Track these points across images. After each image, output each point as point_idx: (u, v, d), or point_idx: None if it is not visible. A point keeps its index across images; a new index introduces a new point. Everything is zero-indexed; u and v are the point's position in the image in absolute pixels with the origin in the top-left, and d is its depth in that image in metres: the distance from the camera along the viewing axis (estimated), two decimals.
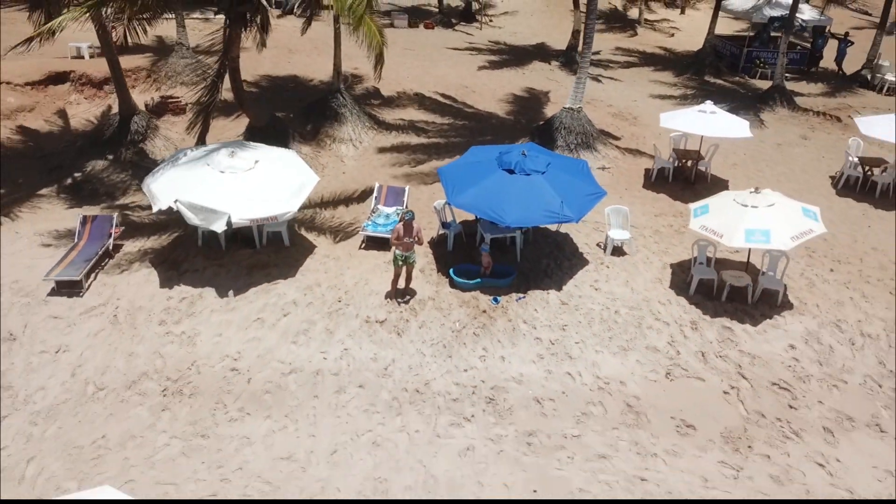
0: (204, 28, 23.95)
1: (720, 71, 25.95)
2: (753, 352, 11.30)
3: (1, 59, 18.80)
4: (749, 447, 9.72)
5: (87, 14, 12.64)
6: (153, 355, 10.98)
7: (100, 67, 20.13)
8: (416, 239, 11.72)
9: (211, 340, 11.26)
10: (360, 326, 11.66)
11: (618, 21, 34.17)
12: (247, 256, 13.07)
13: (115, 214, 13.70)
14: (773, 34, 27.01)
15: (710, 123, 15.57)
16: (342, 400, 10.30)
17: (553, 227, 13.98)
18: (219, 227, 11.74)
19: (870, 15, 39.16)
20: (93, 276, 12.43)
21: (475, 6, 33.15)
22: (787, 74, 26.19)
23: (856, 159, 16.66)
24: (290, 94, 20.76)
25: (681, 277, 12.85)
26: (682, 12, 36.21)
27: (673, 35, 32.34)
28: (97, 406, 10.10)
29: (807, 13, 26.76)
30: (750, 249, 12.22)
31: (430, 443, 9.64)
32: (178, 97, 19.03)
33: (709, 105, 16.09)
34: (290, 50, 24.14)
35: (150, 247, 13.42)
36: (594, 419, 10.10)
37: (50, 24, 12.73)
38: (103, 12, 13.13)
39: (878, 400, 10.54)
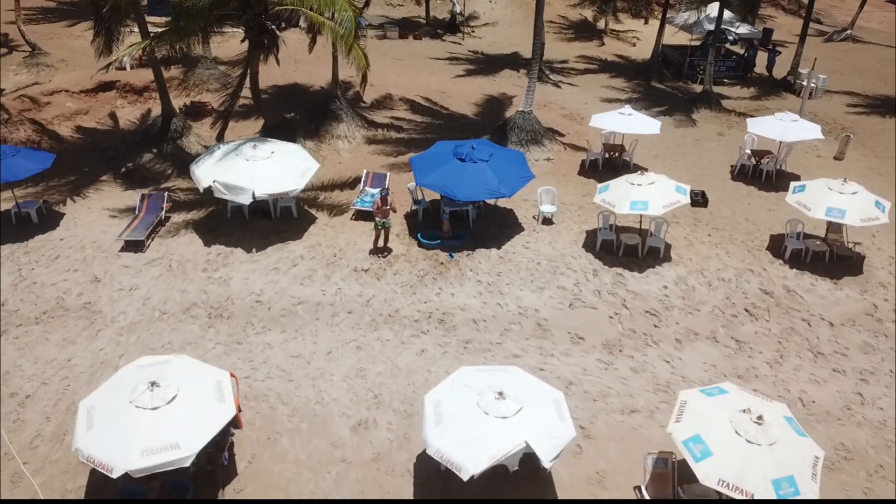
0: (223, 42, 28.20)
1: (665, 77, 30.03)
2: (636, 290, 15.43)
3: (56, 72, 23.02)
4: (620, 350, 13.84)
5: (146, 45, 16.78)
6: (199, 292, 15.15)
7: (139, 77, 24.37)
8: (391, 207, 15.88)
9: (241, 282, 15.43)
10: (350, 273, 15.82)
11: (587, 31, 38.20)
12: (265, 225, 17.26)
13: (165, 193, 17.90)
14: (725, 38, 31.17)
15: (627, 123, 19.73)
16: (336, 321, 14.45)
17: (492, 202, 18.05)
18: (245, 199, 15.94)
19: (820, 23, 43.07)
20: (151, 238, 16.62)
21: (459, 18, 37.21)
22: (725, 79, 30.45)
23: (749, 151, 20.74)
24: (297, 98, 24.91)
25: (592, 240, 16.97)
26: (646, 22, 40.23)
27: (635, 44, 36.37)
28: (162, 324, 14.27)
29: (741, 28, 30.78)
30: (641, 216, 16.35)
31: (396, 347, 13.78)
32: (205, 102, 23.19)
33: (627, 108, 20.26)
34: (296, 60, 28.16)
35: (192, 218, 17.61)
36: (513, 333, 14.23)
37: (119, 56, 16.82)
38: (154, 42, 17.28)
39: (719, 322, 14.65)
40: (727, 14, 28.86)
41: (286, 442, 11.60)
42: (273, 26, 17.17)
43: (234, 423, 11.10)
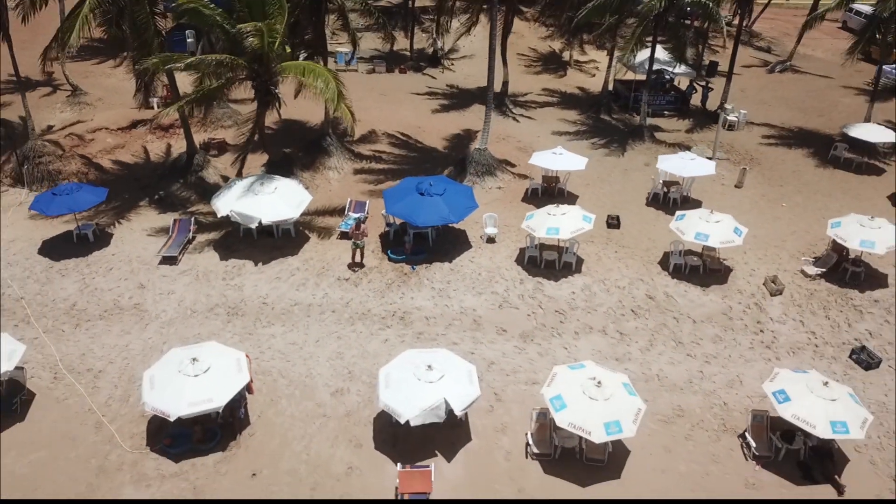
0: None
1: (613, 110, 34.71)
2: (550, 295, 20.15)
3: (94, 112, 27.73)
4: (532, 340, 18.55)
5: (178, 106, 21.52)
6: (219, 295, 19.89)
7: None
8: (364, 232, 20.62)
9: (251, 288, 20.18)
10: (335, 281, 20.56)
11: (553, 63, 42.81)
12: (269, 243, 22.01)
13: (192, 217, 22.68)
14: (661, 80, 35.82)
15: (558, 161, 24.45)
16: (322, 318, 19.18)
17: (440, 226, 22.42)
18: (253, 224, 20.73)
19: (770, 52, 47.46)
20: (182, 253, 21.38)
21: (440, 52, 41.82)
22: (666, 112, 35.10)
23: (661, 182, 25.45)
24: (295, 133, 29.61)
25: (521, 256, 21.69)
26: (608, 54, 44.84)
27: (594, 75, 40.91)
28: (193, 320, 19.01)
29: (678, 68, 35.33)
30: (558, 238, 21.03)
31: (367, 337, 18.51)
32: (221, 138, 27.93)
33: (559, 149, 25.01)
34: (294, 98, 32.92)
35: (213, 237, 22.37)
36: (455, 327, 18.95)
37: (163, 112, 21.51)
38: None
39: (610, 319, 19.36)
40: (666, 55, 33.37)
41: (284, 403, 16.34)
42: (276, 90, 21.93)
43: (248, 388, 15.83)
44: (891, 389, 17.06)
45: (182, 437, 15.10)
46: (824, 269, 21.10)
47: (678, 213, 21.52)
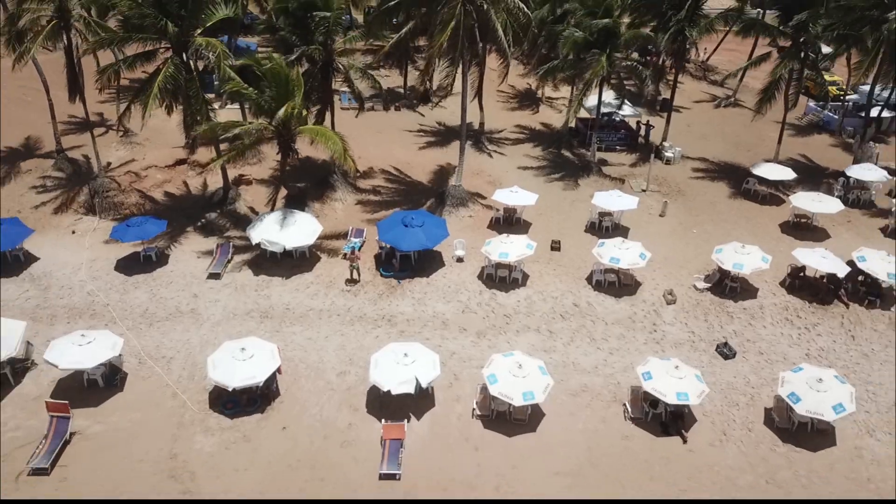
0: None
1: (573, 146, 41.17)
2: (501, 303, 26.67)
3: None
4: (485, 336, 25.04)
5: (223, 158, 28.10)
6: (253, 303, 26.44)
7: (201, 155, 35.58)
8: (357, 256, 27.18)
9: (277, 297, 26.73)
10: (339, 292, 27.10)
11: (528, 99, 49.36)
12: (290, 262, 28.56)
13: (230, 242, 29.25)
14: (612, 120, 42.27)
15: (513, 198, 30.96)
16: (330, 320, 25.71)
17: (419, 251, 28.81)
18: (278, 249, 27.31)
19: (722, 86, 53.71)
20: (224, 270, 27.95)
21: (429, 91, 48.19)
22: (617, 147, 41.53)
23: (597, 213, 31.91)
24: (308, 169, 36.09)
25: (482, 273, 28.22)
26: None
27: (561, 111, 47.39)
28: (235, 321, 25.54)
29: (626, 109, 41.72)
30: (508, 261, 27.49)
31: (362, 334, 25.02)
32: (248, 175, 34.47)
33: (515, 188, 31.51)
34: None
35: (246, 258, 28.92)
36: (429, 327, 25.44)
37: (216, 163, 28.04)
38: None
39: (543, 321, 25.84)
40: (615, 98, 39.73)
41: (303, 381, 22.86)
42: (294, 146, 28.51)
43: (278, 370, 22.33)
44: (738, 373, 23.55)
45: (234, 402, 21.66)
46: (710, 285, 27.63)
47: (599, 241, 28.09)
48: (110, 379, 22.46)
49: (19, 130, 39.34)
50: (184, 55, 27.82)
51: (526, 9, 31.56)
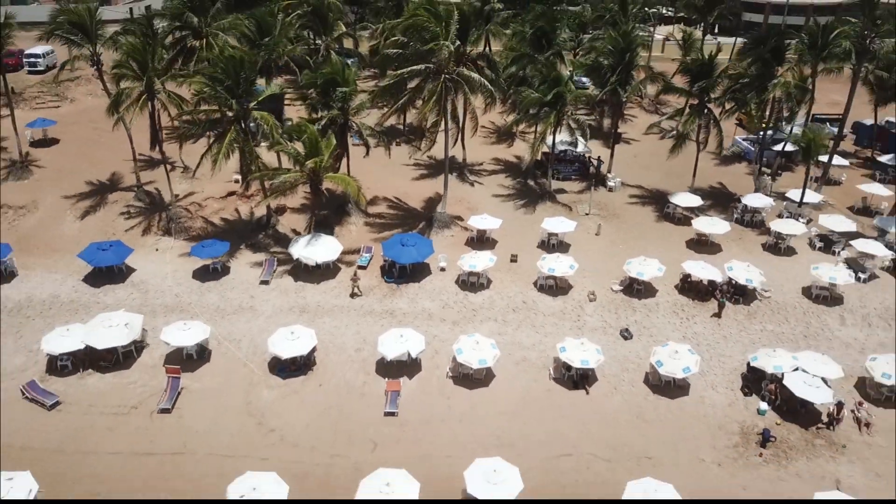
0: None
1: (536, 177, 51.16)
2: (472, 301, 36.76)
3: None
4: (457, 324, 35.12)
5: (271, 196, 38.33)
6: (294, 302, 36.63)
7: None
8: (357, 278, 37.33)
9: (310, 297, 36.92)
10: (348, 295, 37.33)
11: (505, 134, 59.43)
12: (319, 272, 38.75)
13: (274, 258, 39.49)
14: (567, 155, 52.21)
15: (483, 222, 41.11)
16: (349, 314, 35.85)
17: (412, 263, 39.05)
18: (311, 262, 37.58)
19: (672, 119, 63.54)
20: (271, 278, 38.18)
21: (425, 128, 58.09)
22: (573, 176, 51.56)
23: (546, 233, 41.96)
24: (329, 198, 46.19)
25: (459, 280, 38.35)
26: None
27: (511, 145, 57.20)
28: (281, 315, 35.66)
29: (580, 146, 51.65)
30: (477, 270, 37.57)
31: (372, 325, 35.09)
32: (283, 204, 44.61)
33: (484, 215, 41.62)
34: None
35: (287, 269, 39.12)
36: (419, 318, 35.54)
37: (265, 200, 38.30)
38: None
39: (500, 313, 35.88)
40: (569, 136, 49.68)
41: (332, 355, 33.02)
42: (322, 187, 38.70)
43: (315, 347, 32.50)
44: (632, 349, 33.59)
45: (286, 369, 31.84)
46: (622, 287, 37.75)
47: (542, 255, 38.25)
48: (201, 353, 32.69)
49: (98, 167, 49.66)
50: (242, 122, 38.03)
51: (489, 84, 41.50)
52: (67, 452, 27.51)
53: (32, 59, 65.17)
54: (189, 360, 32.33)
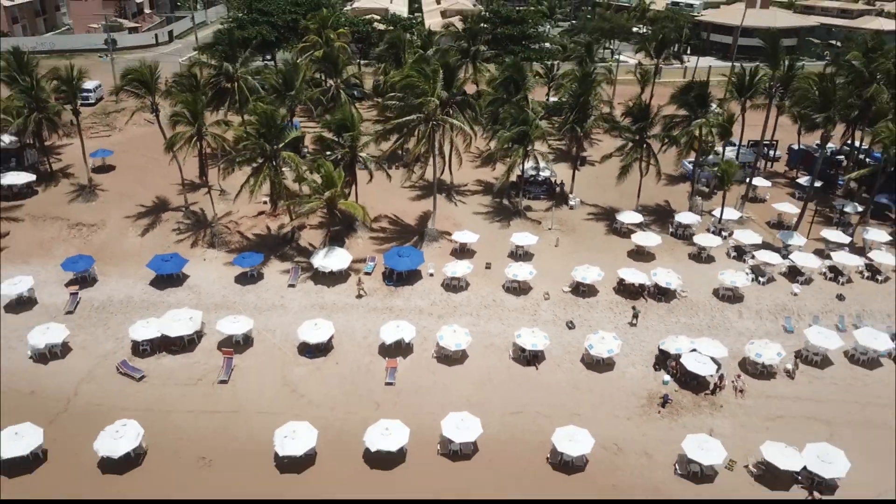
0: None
1: (511, 196, 61.04)
2: (455, 300, 46.73)
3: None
4: (442, 318, 45.09)
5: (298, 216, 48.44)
6: (315, 301, 46.65)
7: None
8: (362, 281, 47.40)
9: (328, 298, 46.96)
10: (356, 296, 47.39)
11: (489, 157, 69.27)
12: (334, 277, 48.76)
13: (299, 266, 49.54)
14: (536, 178, 62.05)
15: (463, 237, 51.14)
16: (359, 311, 45.87)
17: (407, 270, 49.04)
18: (327, 270, 47.69)
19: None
20: (297, 283, 48.24)
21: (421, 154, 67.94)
22: (541, 196, 61.50)
23: (515, 245, 51.88)
24: (343, 219, 56.15)
25: (444, 283, 48.35)
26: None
27: (493, 168, 67.07)
28: (305, 312, 45.62)
29: (546, 171, 61.54)
30: (458, 275, 47.55)
31: (375, 319, 45.07)
32: (303, 222, 54.60)
33: (465, 231, 51.60)
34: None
35: (309, 275, 49.11)
36: (412, 313, 45.50)
37: (292, 223, 48.44)
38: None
39: (475, 309, 45.90)
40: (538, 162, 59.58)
41: (345, 341, 43.01)
42: (337, 211, 48.74)
43: (332, 336, 42.53)
44: (574, 337, 43.54)
45: (311, 351, 41.87)
46: (571, 289, 47.75)
47: (509, 263, 48.30)
48: (247, 340, 42.74)
49: (150, 190, 59.67)
50: (273, 161, 48.05)
51: (471, 123, 51.49)
52: (154, 411, 37.49)
53: (85, 93, 75.00)
54: (237, 345, 42.34)
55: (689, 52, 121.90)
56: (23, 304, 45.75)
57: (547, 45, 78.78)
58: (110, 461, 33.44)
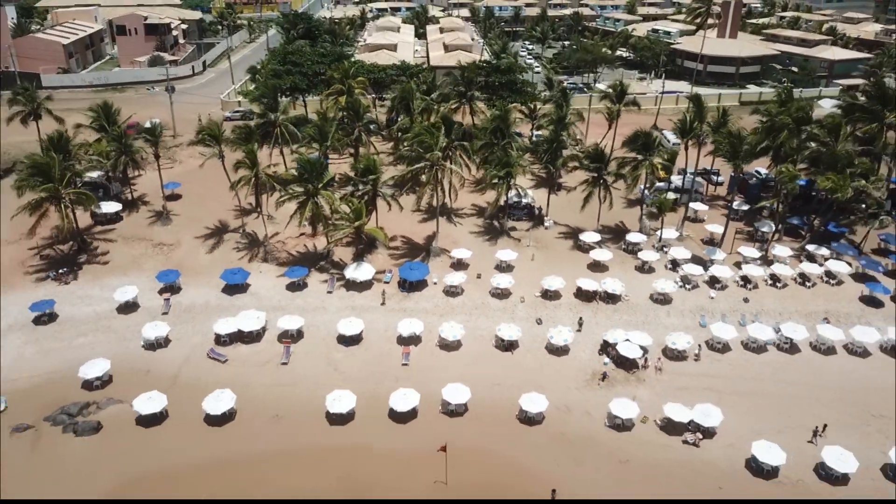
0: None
1: (499, 218, 75.13)
2: (451, 302, 61.06)
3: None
4: (443, 316, 59.40)
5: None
6: (347, 304, 60.97)
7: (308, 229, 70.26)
8: (385, 293, 61.86)
9: (358, 302, 61.26)
10: (380, 300, 61.72)
11: (482, 184, 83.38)
12: (362, 285, 63.05)
13: (335, 276, 63.93)
14: (519, 202, 76.16)
15: (459, 252, 65.40)
16: (380, 311, 60.16)
17: (416, 280, 63.41)
18: (357, 280, 62.12)
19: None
20: (333, 290, 62.62)
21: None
22: (523, 218, 75.73)
23: (500, 260, 66.08)
24: (366, 241, 70.42)
25: (445, 290, 62.62)
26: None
27: (484, 192, 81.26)
28: (341, 312, 59.85)
29: (526, 198, 75.59)
30: (455, 284, 61.78)
31: (392, 318, 59.38)
32: (337, 241, 68.91)
33: (461, 248, 65.88)
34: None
35: (342, 284, 63.46)
36: (420, 312, 59.72)
37: (329, 245, 63.00)
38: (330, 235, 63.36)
39: (467, 309, 60.20)
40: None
41: (372, 335, 57.22)
42: (363, 236, 63.04)
43: (362, 330, 56.86)
44: (542, 329, 57.77)
45: (348, 340, 56.23)
46: (541, 294, 61.98)
47: (494, 274, 62.60)
48: (299, 334, 57.13)
49: (211, 215, 74.06)
50: (315, 198, 62.36)
51: (465, 166, 65.73)
52: (237, 384, 51.65)
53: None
54: (293, 337, 56.68)
55: (663, 77, 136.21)
56: (129, 307, 60.22)
57: (529, 89, 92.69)
58: (213, 417, 47.84)
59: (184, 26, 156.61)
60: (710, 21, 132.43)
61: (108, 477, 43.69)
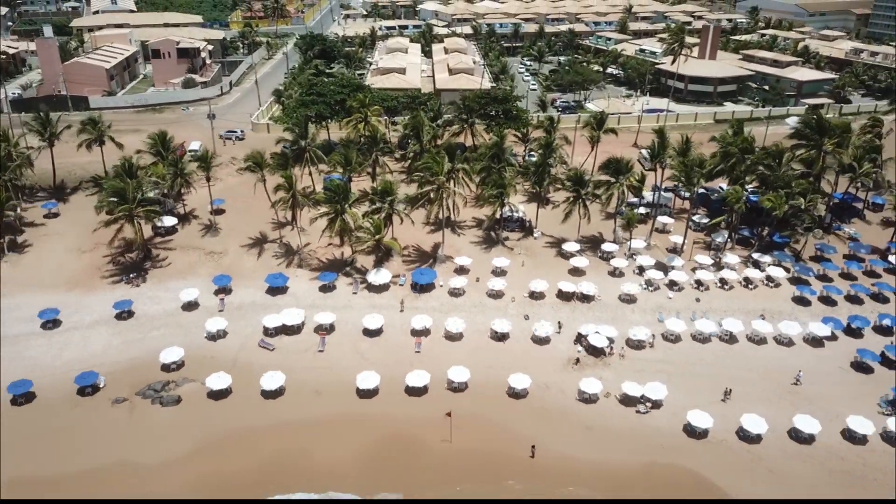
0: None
1: (496, 230, 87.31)
2: (455, 302, 73.43)
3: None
4: (449, 313, 71.76)
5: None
6: (369, 301, 73.35)
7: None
8: (403, 301, 74.33)
9: (377, 301, 73.62)
10: (398, 302, 74.08)
11: (480, 199, 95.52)
12: (381, 287, 75.48)
13: (359, 279, 76.34)
14: (512, 216, 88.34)
15: (461, 260, 77.73)
16: (396, 309, 72.55)
17: (426, 283, 75.82)
18: (377, 283, 74.61)
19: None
20: (358, 291, 75.02)
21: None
22: (515, 229, 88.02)
23: (496, 266, 78.35)
24: (384, 250, 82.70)
25: (450, 291, 74.99)
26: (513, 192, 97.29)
27: (482, 206, 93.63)
28: (365, 310, 72.24)
29: (518, 213, 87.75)
30: (458, 286, 74.11)
31: (407, 313, 71.73)
32: (356, 253, 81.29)
33: (463, 256, 78.21)
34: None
35: (364, 287, 75.84)
36: (429, 309, 71.92)
37: (353, 255, 75.53)
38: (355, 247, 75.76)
39: (467, 307, 72.50)
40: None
41: (389, 329, 69.49)
42: (383, 246, 75.41)
43: (383, 325, 69.24)
44: (529, 324, 70.10)
45: (371, 332, 68.62)
46: (528, 295, 74.29)
47: (490, 278, 74.95)
48: (332, 327, 69.56)
49: (252, 227, 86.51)
50: (342, 215, 74.73)
51: (466, 186, 78.07)
52: (283, 367, 63.87)
53: (192, 151, 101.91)
54: (326, 330, 69.11)
55: (648, 94, 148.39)
56: (192, 305, 72.72)
57: (524, 116, 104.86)
58: (268, 392, 60.34)
59: (210, 47, 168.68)
60: (688, 45, 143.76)
61: (191, 437, 56.21)
